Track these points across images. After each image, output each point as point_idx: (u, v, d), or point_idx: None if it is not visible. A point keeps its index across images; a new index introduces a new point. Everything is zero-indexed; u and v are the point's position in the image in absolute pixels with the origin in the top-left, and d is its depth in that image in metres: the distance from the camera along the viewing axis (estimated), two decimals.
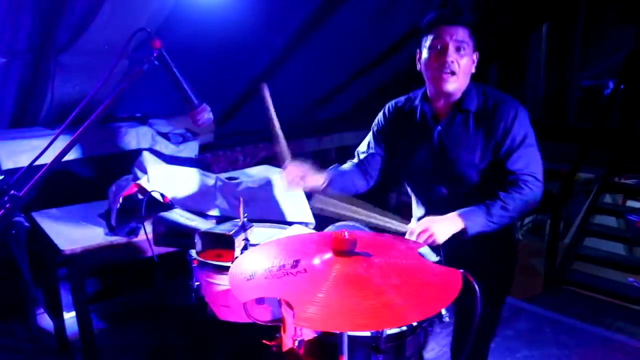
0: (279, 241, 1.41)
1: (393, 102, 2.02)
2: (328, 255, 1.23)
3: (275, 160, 4.46)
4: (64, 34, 2.85)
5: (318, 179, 1.86)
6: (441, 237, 1.62)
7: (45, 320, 2.84)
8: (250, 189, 2.72)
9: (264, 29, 3.62)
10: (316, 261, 1.22)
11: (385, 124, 2.01)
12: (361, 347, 1.32)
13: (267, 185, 2.72)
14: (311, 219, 2.63)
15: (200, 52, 3.52)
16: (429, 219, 1.67)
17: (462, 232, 1.67)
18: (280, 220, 2.50)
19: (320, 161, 5.04)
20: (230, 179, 2.90)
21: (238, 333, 1.79)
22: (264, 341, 1.55)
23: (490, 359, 2.98)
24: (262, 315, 1.55)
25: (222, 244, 1.57)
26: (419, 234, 1.61)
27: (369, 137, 2.06)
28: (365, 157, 2.03)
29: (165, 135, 3.84)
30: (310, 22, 3.72)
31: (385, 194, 5.08)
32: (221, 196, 2.68)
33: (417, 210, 2.04)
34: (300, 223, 2.35)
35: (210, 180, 2.76)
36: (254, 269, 1.20)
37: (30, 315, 3.00)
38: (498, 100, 1.82)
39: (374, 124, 2.06)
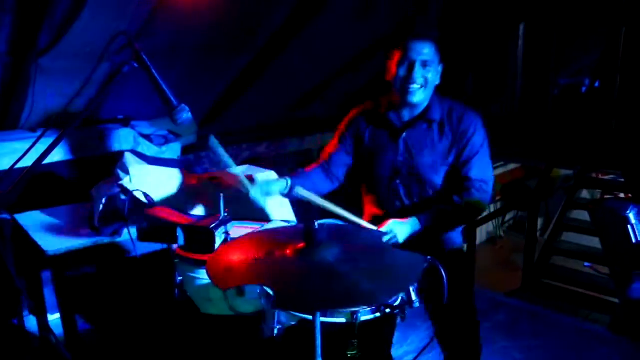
0: (254, 234, 1.47)
1: (360, 107, 2.10)
2: (300, 245, 1.29)
3: (258, 160, 4.52)
4: (45, 37, 2.87)
5: (280, 184, 1.95)
6: (402, 239, 1.74)
7: (32, 321, 2.85)
8: (233, 187, 2.76)
9: (244, 29, 3.66)
10: (289, 251, 1.28)
11: (352, 128, 2.08)
12: (337, 332, 1.37)
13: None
14: (293, 217, 2.68)
15: (181, 53, 3.55)
16: (392, 222, 1.78)
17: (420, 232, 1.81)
18: (263, 219, 2.54)
19: (303, 161, 5.12)
20: (212, 178, 2.94)
21: (221, 326, 1.84)
22: (246, 333, 1.61)
23: None
24: (244, 308, 1.60)
25: (203, 239, 1.62)
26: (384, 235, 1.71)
27: (335, 138, 2.13)
28: (331, 158, 2.10)
29: (147, 137, 3.86)
30: (291, 21, 3.77)
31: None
32: (205, 196, 2.72)
33: (371, 208, 2.11)
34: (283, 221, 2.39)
35: (192, 180, 2.81)
36: (231, 260, 1.25)
37: (17, 316, 3.00)
38: (460, 111, 1.94)
39: (340, 127, 2.13)
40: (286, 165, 5.00)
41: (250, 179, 1.93)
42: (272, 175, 2.30)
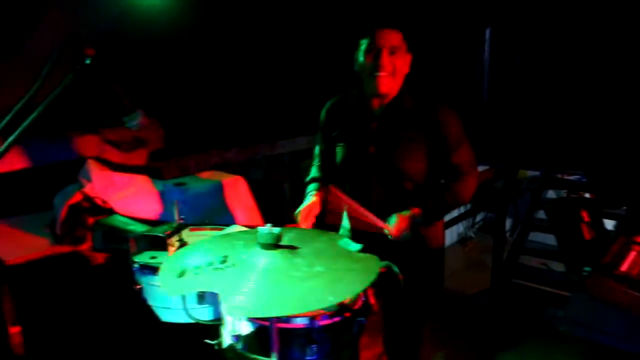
0: (208, 240, 1.46)
1: (331, 100, 2.12)
2: (256, 249, 1.29)
3: (228, 166, 4.49)
4: (4, 42, 2.81)
5: (319, 204, 2.02)
6: (409, 228, 1.84)
7: None
8: (199, 193, 2.75)
9: (212, 35, 3.65)
10: (244, 255, 1.28)
11: (326, 122, 2.11)
12: (296, 338, 1.38)
13: (217, 189, 2.76)
14: (261, 223, 2.67)
15: (148, 58, 3.52)
16: (399, 217, 1.83)
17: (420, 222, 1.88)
18: (230, 224, 2.53)
19: (275, 165, 5.11)
20: (178, 184, 2.92)
21: (181, 334, 1.82)
22: (206, 340, 1.59)
23: (433, 350, 3.13)
24: (203, 315, 1.60)
25: (156, 246, 1.61)
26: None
27: (318, 140, 2.18)
28: (323, 158, 2.17)
29: (113, 143, 3.81)
30: (258, 25, 3.77)
31: None
32: (169, 202, 2.70)
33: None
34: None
35: (158, 186, 2.78)
36: (183, 267, 1.24)
37: None
38: (431, 100, 1.95)
39: (319, 127, 2.16)
40: (258, 168, 4.99)
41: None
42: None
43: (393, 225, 1.80)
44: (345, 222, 2.09)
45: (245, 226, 2.02)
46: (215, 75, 4.08)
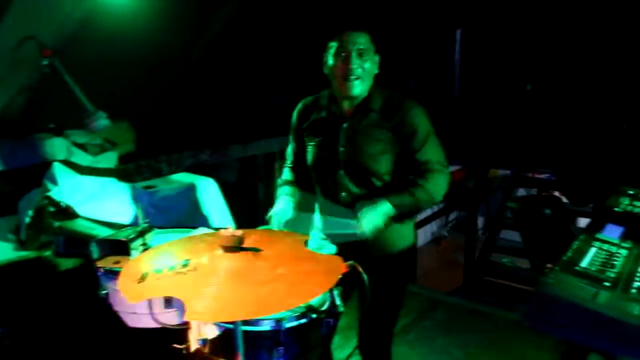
0: (169, 244, 1.44)
1: (303, 101, 2.13)
2: (217, 252, 1.28)
3: (201, 168, 4.45)
4: None
5: (290, 210, 1.99)
6: (381, 223, 1.83)
7: None
8: (169, 196, 2.72)
9: (180, 35, 3.61)
10: (206, 259, 1.27)
11: (298, 123, 2.11)
12: (263, 341, 1.37)
13: (187, 192, 2.74)
14: (232, 223, 2.66)
15: (116, 60, 3.46)
16: (363, 210, 1.83)
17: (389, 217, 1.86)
18: (203, 225, 2.51)
19: (248, 167, 5.08)
20: (147, 187, 2.88)
21: (148, 340, 1.80)
22: (173, 345, 1.58)
23: (408, 348, 3.15)
24: (170, 320, 1.58)
25: (119, 250, 1.58)
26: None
27: (290, 140, 2.18)
28: (296, 159, 2.16)
29: (82, 146, 3.73)
30: (228, 27, 3.75)
31: None
32: (138, 205, 2.67)
33: (319, 209, 2.14)
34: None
35: (127, 189, 2.74)
36: (144, 272, 1.23)
37: None
38: (400, 99, 1.97)
39: (290, 128, 2.17)
40: (231, 170, 4.97)
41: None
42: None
43: (365, 223, 1.79)
44: (318, 222, 2.10)
45: (213, 229, 2.00)
46: (187, 77, 4.04)
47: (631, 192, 2.12)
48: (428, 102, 2.07)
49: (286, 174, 2.20)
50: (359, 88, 1.89)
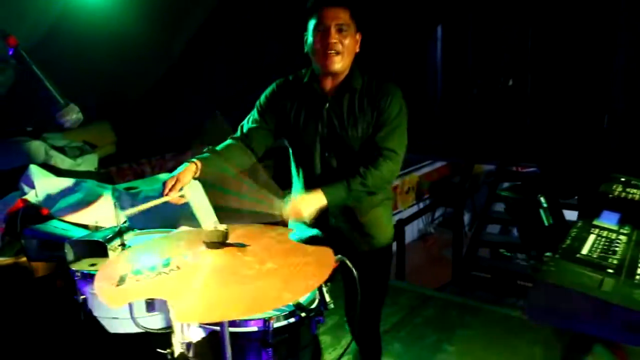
0: (148, 243, 1.37)
1: (281, 79, 2.05)
2: (200, 249, 1.21)
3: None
4: None
5: (189, 175, 1.79)
6: (306, 212, 1.71)
7: None
8: (151, 197, 2.63)
9: (161, 34, 3.53)
10: (189, 257, 1.20)
11: (274, 100, 2.01)
12: (250, 342, 1.31)
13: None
14: (218, 224, 2.58)
15: (95, 59, 3.37)
16: (296, 198, 1.75)
17: (326, 206, 1.78)
18: (172, 227, 2.42)
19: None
20: (129, 188, 2.79)
21: (131, 345, 1.72)
22: (157, 350, 1.50)
23: (400, 345, 3.11)
24: (153, 324, 1.50)
25: (95, 252, 1.50)
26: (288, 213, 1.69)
27: (254, 112, 2.05)
28: (250, 132, 2.02)
29: (61, 149, 3.64)
30: (208, 26, 3.68)
31: None
32: (119, 207, 2.58)
33: (298, 182, 2.07)
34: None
35: (107, 191, 2.65)
36: (122, 274, 1.15)
37: None
38: (380, 81, 1.94)
39: (260, 99, 2.05)
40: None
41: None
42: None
43: (288, 207, 1.71)
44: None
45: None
46: (170, 76, 3.95)
47: (623, 179, 2.10)
48: (410, 99, 2.02)
49: (223, 144, 2.01)
50: (339, 64, 1.84)
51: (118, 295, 1.09)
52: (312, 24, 1.85)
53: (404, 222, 5.32)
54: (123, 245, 1.53)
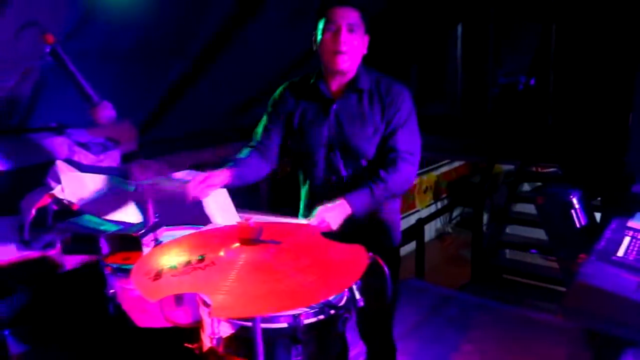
0: (181, 239, 1.38)
1: (288, 82, 2.06)
2: (235, 245, 1.22)
3: (202, 167, 4.40)
4: None
5: (221, 179, 1.88)
6: (335, 224, 1.71)
7: None
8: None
9: (180, 33, 3.55)
10: (223, 253, 1.21)
11: (282, 104, 2.02)
12: (280, 339, 1.31)
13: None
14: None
15: (117, 58, 3.41)
16: (321, 209, 1.74)
17: (351, 215, 1.77)
18: (200, 223, 2.45)
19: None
20: (151, 184, 2.82)
21: (159, 339, 1.75)
22: (185, 344, 1.52)
23: (420, 346, 3.11)
24: (181, 318, 1.52)
25: (129, 246, 1.52)
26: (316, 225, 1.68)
27: (265, 119, 2.07)
28: (263, 138, 2.05)
29: (84, 145, 3.69)
30: (227, 26, 3.69)
31: None
32: (141, 203, 2.61)
33: (306, 197, 2.07)
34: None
35: (130, 187, 2.68)
36: (159, 268, 1.17)
37: None
38: (388, 81, 1.94)
39: (269, 105, 2.07)
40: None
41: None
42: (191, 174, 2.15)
43: (314, 219, 1.71)
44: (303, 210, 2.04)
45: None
46: (191, 72, 3.97)
47: None
48: (431, 98, 2.02)
49: (243, 152, 2.05)
50: (347, 63, 1.85)
51: (155, 290, 1.10)
52: (322, 22, 1.86)
53: (424, 221, 5.30)
54: (156, 240, 1.55)
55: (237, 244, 1.22)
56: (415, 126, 1.92)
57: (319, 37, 1.88)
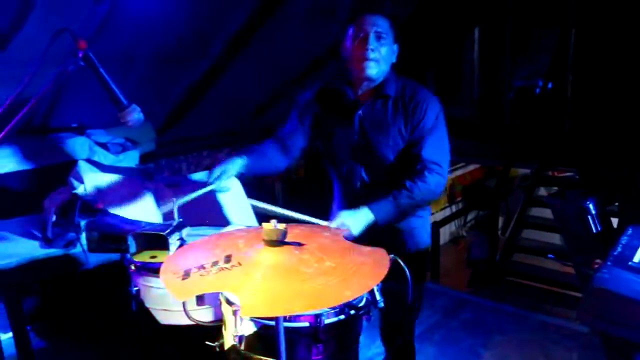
0: (207, 240, 1.42)
1: (319, 84, 2.09)
2: (260, 247, 1.25)
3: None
4: None
5: (237, 166, 1.93)
6: (356, 230, 1.72)
7: None
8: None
9: (201, 34, 3.60)
10: (249, 254, 1.24)
11: (312, 103, 2.06)
12: (301, 338, 1.34)
13: (210, 190, 2.70)
14: (255, 222, 2.63)
15: (137, 59, 3.46)
16: (343, 214, 1.76)
17: (374, 222, 1.78)
18: (222, 224, 2.48)
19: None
20: (170, 185, 2.86)
21: (181, 337, 1.78)
22: (207, 342, 1.55)
23: (435, 349, 3.11)
24: (203, 317, 1.55)
25: (156, 245, 1.56)
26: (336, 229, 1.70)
27: (292, 114, 2.10)
28: (287, 133, 2.07)
29: (103, 146, 3.75)
30: (248, 26, 3.73)
31: None
32: (161, 203, 2.65)
33: (336, 199, 2.09)
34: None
35: (149, 187, 2.72)
36: (186, 268, 1.20)
37: None
38: (415, 88, 1.94)
39: (298, 101, 2.10)
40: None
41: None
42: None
43: (335, 224, 1.74)
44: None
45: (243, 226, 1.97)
46: (209, 73, 4.02)
47: None
48: (447, 101, 2.02)
49: (261, 145, 2.08)
50: (375, 70, 1.86)
51: (184, 289, 1.13)
52: (351, 29, 1.89)
53: (439, 224, 5.29)
54: (182, 240, 1.58)
55: (262, 246, 1.25)
56: (443, 134, 1.90)
57: (348, 43, 1.90)
